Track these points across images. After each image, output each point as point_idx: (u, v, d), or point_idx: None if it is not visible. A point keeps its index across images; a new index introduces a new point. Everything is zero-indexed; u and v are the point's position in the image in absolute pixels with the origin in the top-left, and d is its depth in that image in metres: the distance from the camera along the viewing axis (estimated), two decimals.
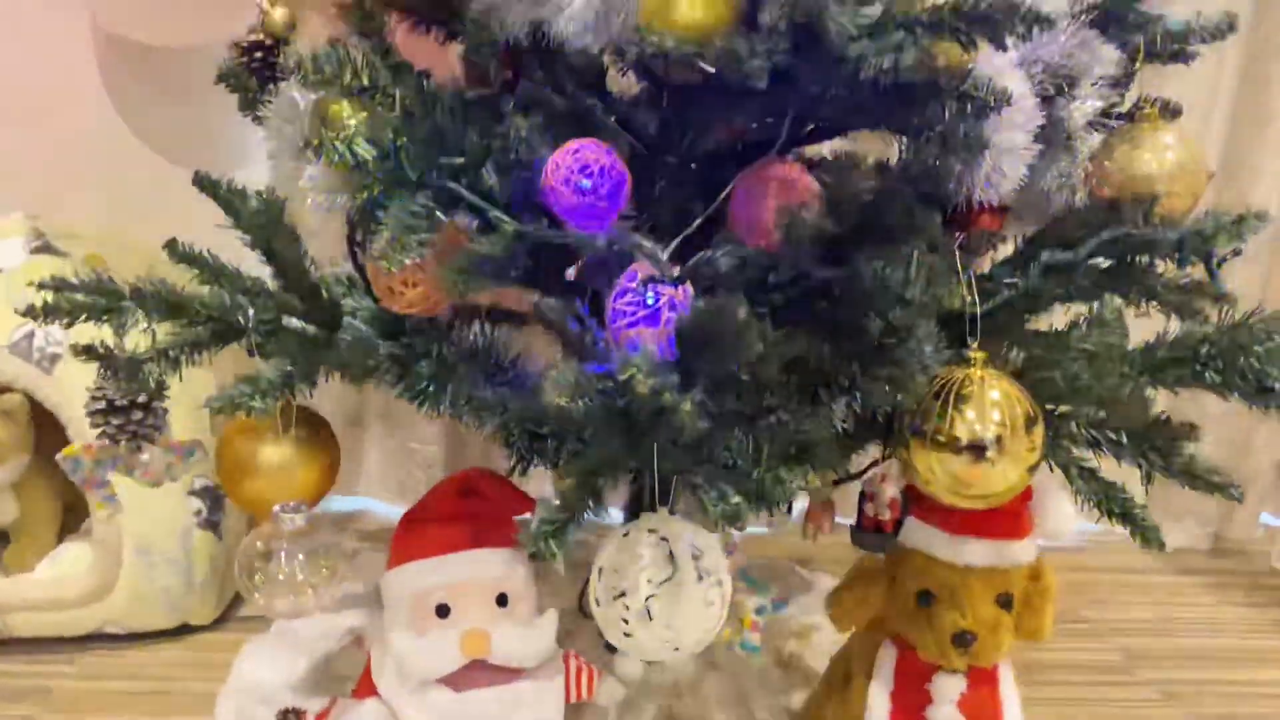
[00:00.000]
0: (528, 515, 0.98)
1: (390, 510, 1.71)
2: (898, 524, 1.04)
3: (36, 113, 1.53)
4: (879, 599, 1.10)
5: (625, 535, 0.80)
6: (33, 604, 1.25)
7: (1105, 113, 0.99)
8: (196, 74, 1.14)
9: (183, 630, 1.31)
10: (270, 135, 0.85)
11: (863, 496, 1.03)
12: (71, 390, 1.17)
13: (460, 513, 0.95)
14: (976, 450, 0.75)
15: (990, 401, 0.76)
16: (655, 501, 0.80)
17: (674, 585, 0.76)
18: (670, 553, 0.77)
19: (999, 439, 0.75)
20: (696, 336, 0.66)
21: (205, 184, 0.82)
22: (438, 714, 0.92)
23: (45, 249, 1.31)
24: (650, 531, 0.79)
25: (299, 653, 1.28)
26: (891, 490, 1.02)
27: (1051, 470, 0.89)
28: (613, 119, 0.95)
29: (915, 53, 0.64)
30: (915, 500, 1.08)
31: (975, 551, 1.03)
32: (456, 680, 0.92)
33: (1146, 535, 0.81)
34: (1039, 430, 0.76)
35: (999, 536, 1.05)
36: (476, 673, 0.92)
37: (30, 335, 1.21)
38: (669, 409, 0.60)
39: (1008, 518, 1.07)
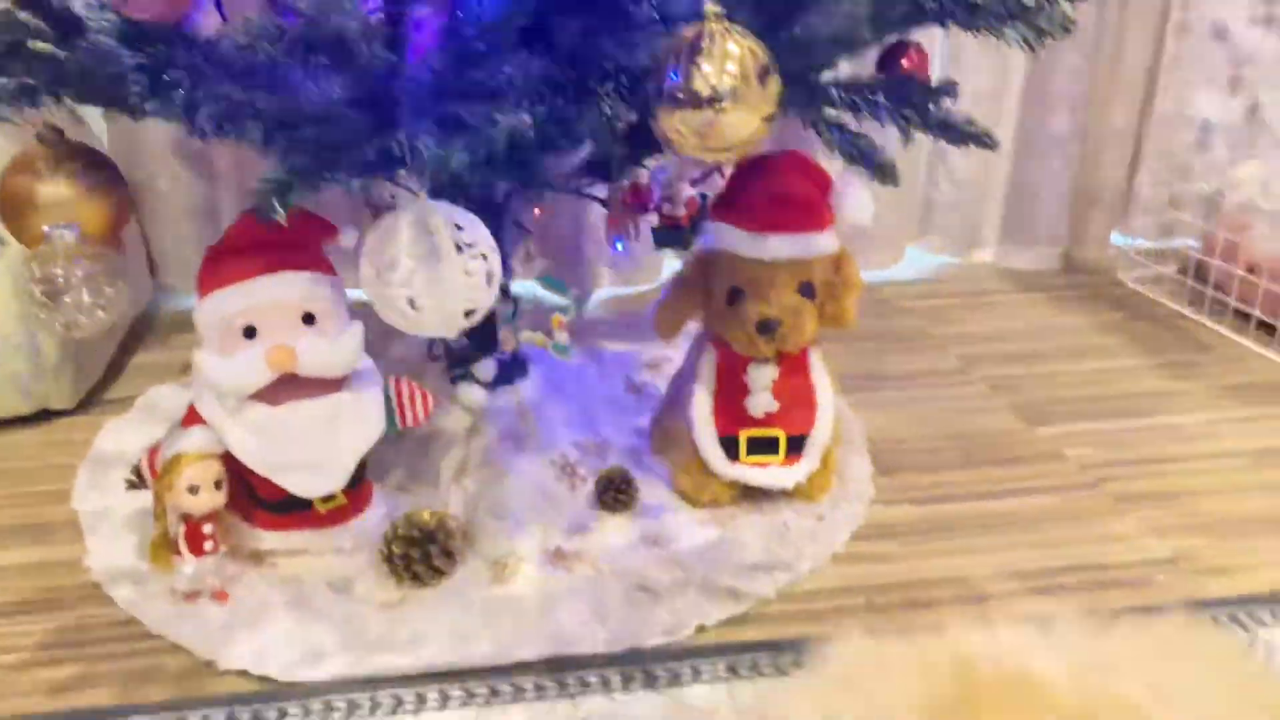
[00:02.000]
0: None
1: None
2: (694, 220, 1.08)
3: None
4: (696, 304, 1.16)
5: (389, 220, 0.82)
6: None
7: None
8: None
9: (44, 415, 1.33)
10: None
11: (661, 199, 1.07)
12: None
13: (261, 240, 0.97)
14: (714, 102, 0.77)
15: (726, 54, 0.77)
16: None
17: (433, 257, 0.79)
18: (428, 228, 0.79)
19: (734, 90, 0.77)
20: None
21: None
22: (257, 428, 0.96)
23: None
24: (411, 214, 0.81)
25: (159, 423, 1.32)
26: (688, 190, 1.05)
27: (804, 128, 0.91)
28: None
29: None
30: (716, 203, 1.12)
31: (777, 246, 1.08)
32: (275, 396, 0.96)
33: (883, 170, 0.85)
34: (773, 81, 0.78)
35: (798, 230, 1.10)
36: (293, 388, 0.96)
37: None
38: (349, 38, 0.61)
39: (806, 211, 1.11)
